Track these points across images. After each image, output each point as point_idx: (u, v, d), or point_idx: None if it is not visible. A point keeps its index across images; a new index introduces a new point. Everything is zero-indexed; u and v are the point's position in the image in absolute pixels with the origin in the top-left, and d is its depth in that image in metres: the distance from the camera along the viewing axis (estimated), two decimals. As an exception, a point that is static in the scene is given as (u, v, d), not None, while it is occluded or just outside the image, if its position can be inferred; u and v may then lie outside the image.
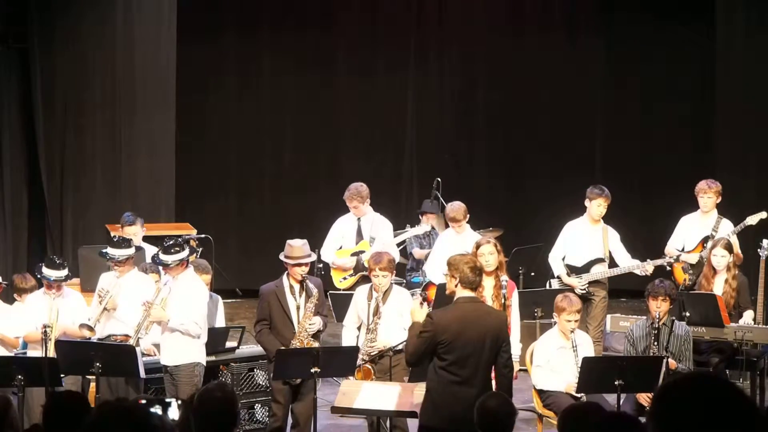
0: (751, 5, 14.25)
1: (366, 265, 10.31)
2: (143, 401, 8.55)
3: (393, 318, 8.99)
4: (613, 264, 10.99)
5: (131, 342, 8.89)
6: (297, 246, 8.91)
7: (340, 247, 11.37)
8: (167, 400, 8.25)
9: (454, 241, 10.96)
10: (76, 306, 9.58)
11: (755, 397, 9.45)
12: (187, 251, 9.10)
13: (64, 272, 9.44)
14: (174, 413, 7.79)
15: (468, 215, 11.08)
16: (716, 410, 2.80)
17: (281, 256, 8.98)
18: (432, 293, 10.87)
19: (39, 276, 9.46)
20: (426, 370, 8.25)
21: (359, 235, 11.39)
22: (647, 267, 10.71)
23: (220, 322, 10.05)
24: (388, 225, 11.48)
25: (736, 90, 14.32)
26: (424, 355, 7.10)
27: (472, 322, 7.05)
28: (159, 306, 8.81)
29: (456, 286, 7.16)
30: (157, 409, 7.34)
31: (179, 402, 8.11)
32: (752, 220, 10.73)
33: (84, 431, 3.32)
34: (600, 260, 10.92)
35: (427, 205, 12.27)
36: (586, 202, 10.95)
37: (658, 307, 8.92)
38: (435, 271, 10.97)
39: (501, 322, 7.28)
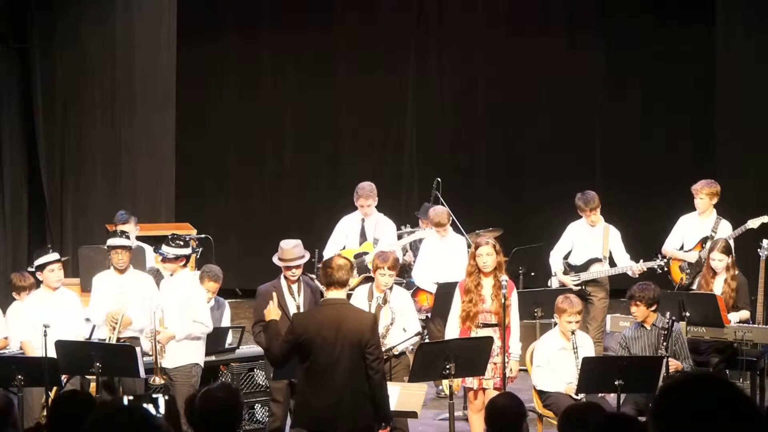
0: (751, 5, 14.26)
1: (369, 266, 10.29)
2: (131, 397, 8.62)
3: (394, 318, 9.00)
4: (612, 264, 11.00)
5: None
6: (288, 248, 8.88)
7: (344, 247, 11.33)
8: (154, 395, 8.30)
9: (438, 245, 10.95)
10: (73, 306, 9.58)
11: (755, 397, 9.44)
12: (189, 250, 9.14)
13: (56, 254, 9.51)
14: (161, 408, 7.83)
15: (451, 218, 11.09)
16: (716, 410, 2.80)
17: (274, 258, 8.98)
18: (421, 299, 10.86)
19: (38, 265, 9.43)
20: (428, 371, 8.30)
21: (363, 236, 11.36)
22: (635, 268, 10.71)
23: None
24: (391, 225, 11.46)
25: (736, 90, 14.33)
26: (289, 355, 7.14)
27: (332, 323, 7.05)
28: (162, 329, 8.85)
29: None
30: (148, 406, 7.37)
31: (167, 397, 8.16)
32: (753, 223, 10.71)
33: (84, 431, 3.32)
34: (597, 260, 10.93)
35: (424, 209, 12.21)
36: (579, 211, 11.01)
37: (634, 312, 8.92)
38: (423, 276, 10.95)
39: (365, 324, 7.19)
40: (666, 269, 10.80)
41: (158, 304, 8.97)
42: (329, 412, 7.01)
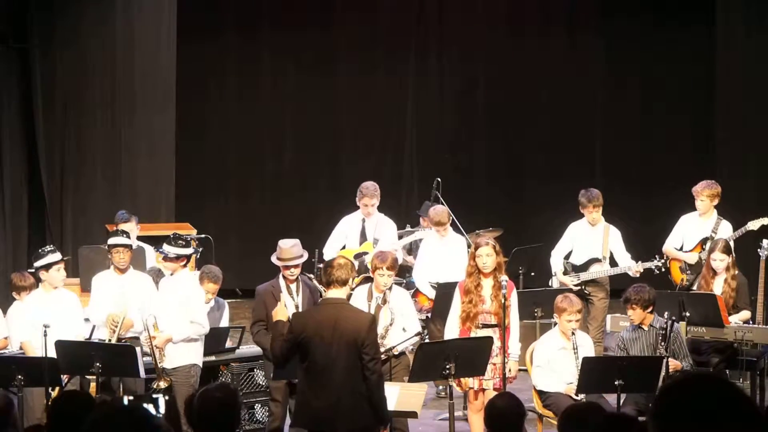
0: (751, 5, 14.27)
1: (368, 266, 10.28)
2: (131, 397, 8.63)
3: (394, 318, 8.99)
4: (613, 263, 11.00)
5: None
6: (286, 248, 8.88)
7: (343, 247, 11.33)
8: (154, 396, 8.32)
9: (438, 245, 10.93)
10: (73, 306, 9.58)
11: (755, 397, 9.44)
12: (190, 250, 9.15)
13: (59, 254, 9.51)
14: (161, 408, 7.84)
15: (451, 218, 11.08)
16: (717, 410, 2.80)
17: (273, 258, 8.97)
18: (422, 299, 10.85)
19: (43, 265, 9.42)
20: (428, 371, 8.29)
21: (363, 236, 11.35)
22: (635, 268, 10.70)
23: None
24: (392, 226, 11.44)
25: (736, 90, 14.33)
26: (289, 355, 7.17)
27: (329, 322, 7.05)
28: (158, 333, 8.85)
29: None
30: (148, 406, 7.38)
31: (167, 398, 8.17)
32: (753, 225, 10.69)
33: (84, 431, 3.32)
34: (597, 260, 10.92)
35: (426, 208, 12.23)
36: (580, 209, 10.99)
37: (631, 315, 8.92)
38: (422, 278, 10.92)
39: (362, 324, 7.14)
40: (664, 270, 10.79)
41: (150, 310, 8.96)
42: (328, 412, 7.01)
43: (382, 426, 7.47)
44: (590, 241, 10.97)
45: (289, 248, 8.88)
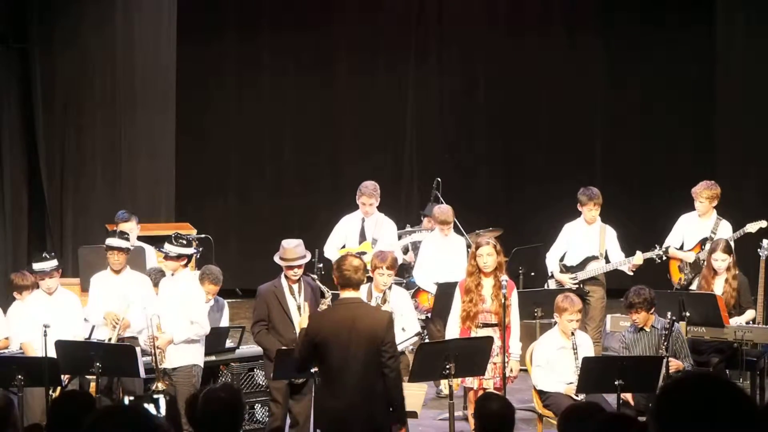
0: (751, 5, 14.27)
1: (367, 266, 10.25)
2: (131, 398, 8.63)
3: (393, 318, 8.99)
4: (608, 262, 10.97)
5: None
6: (290, 248, 8.87)
7: (343, 246, 11.33)
8: (155, 396, 8.32)
9: (441, 244, 10.93)
10: (73, 306, 9.58)
11: (755, 397, 9.44)
12: (191, 249, 9.15)
13: (55, 261, 9.51)
14: (162, 409, 7.85)
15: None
16: (717, 410, 2.80)
17: (276, 257, 8.97)
18: (422, 299, 10.85)
19: (39, 271, 9.43)
20: (428, 371, 8.28)
21: (362, 236, 11.35)
22: (634, 260, 10.66)
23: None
24: (391, 225, 11.44)
25: (736, 90, 14.34)
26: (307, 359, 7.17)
27: (346, 323, 7.05)
28: (160, 334, 8.85)
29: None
30: (148, 406, 7.39)
31: (167, 398, 8.17)
32: (752, 228, 10.68)
33: (85, 431, 3.32)
34: (594, 258, 10.91)
35: (430, 208, 12.23)
36: (579, 206, 10.96)
37: (636, 319, 8.91)
38: (423, 276, 10.91)
39: (380, 322, 7.13)
40: (665, 258, 10.77)
41: (154, 309, 8.96)
42: (343, 413, 6.99)
43: (401, 425, 7.44)
44: (586, 239, 10.95)
45: (293, 248, 8.88)
